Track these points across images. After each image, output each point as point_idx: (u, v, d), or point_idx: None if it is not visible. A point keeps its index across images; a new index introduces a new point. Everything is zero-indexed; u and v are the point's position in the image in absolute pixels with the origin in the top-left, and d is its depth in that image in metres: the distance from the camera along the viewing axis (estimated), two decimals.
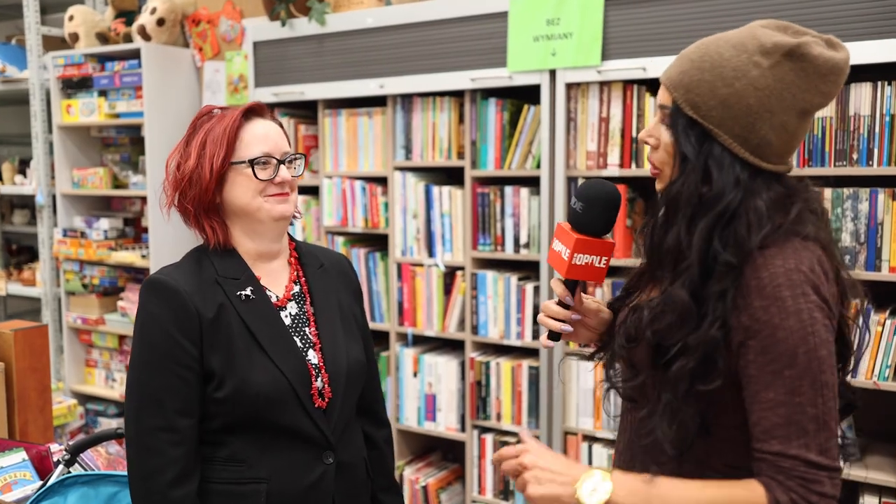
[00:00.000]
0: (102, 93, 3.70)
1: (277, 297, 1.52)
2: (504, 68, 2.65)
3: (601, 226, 1.29)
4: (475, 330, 2.86)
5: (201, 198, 1.45)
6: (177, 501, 1.37)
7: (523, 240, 2.74)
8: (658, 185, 1.26)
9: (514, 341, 2.78)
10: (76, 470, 1.92)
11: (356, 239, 3.18)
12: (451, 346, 3.08)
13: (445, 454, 3.26)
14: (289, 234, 1.61)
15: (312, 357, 1.49)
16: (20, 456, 2.07)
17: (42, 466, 2.07)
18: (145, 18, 3.59)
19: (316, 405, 1.46)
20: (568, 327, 1.34)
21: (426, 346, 3.08)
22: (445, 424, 2.97)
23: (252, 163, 1.44)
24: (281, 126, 1.54)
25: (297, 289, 1.55)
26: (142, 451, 1.40)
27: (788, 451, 1.06)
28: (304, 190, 3.31)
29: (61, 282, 4.00)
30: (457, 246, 2.89)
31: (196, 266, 1.48)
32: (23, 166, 4.34)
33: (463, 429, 2.94)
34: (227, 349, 1.42)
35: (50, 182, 3.99)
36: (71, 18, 3.84)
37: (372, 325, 3.09)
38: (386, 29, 2.88)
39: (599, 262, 1.30)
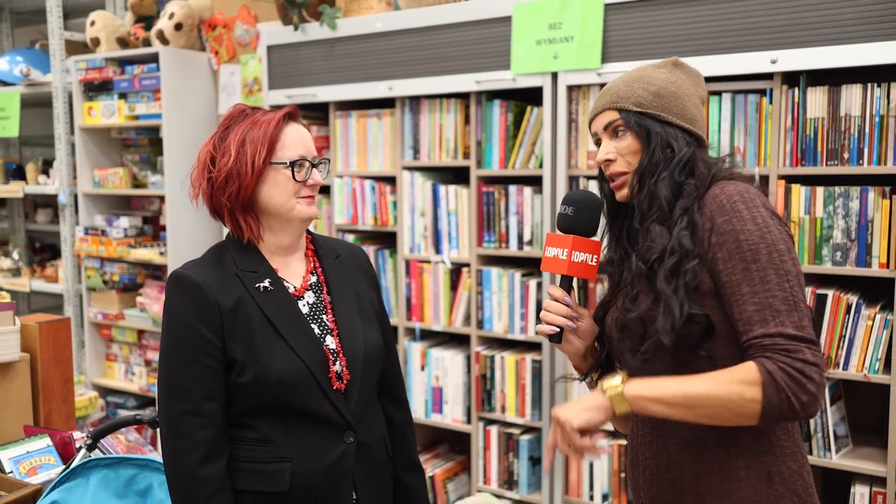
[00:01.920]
0: (122, 95, 3.82)
1: (295, 287, 1.60)
2: (508, 71, 2.74)
3: (590, 226, 1.50)
4: (480, 325, 2.94)
5: (240, 194, 1.52)
6: (204, 479, 1.46)
7: (527, 237, 2.82)
8: (624, 193, 1.46)
9: (517, 336, 2.86)
10: (98, 454, 2.02)
11: (366, 236, 3.28)
12: (457, 340, 3.17)
13: (452, 446, 3.35)
14: (306, 229, 1.69)
15: (330, 342, 1.57)
16: (45, 442, 2.16)
17: (65, 452, 2.16)
18: (163, 23, 3.70)
19: (335, 388, 1.54)
20: (571, 324, 1.51)
21: (433, 340, 3.17)
22: (452, 416, 3.06)
23: (292, 165, 1.53)
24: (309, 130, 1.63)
25: (313, 279, 1.63)
26: (172, 434, 1.49)
27: (768, 330, 1.25)
28: None
29: (82, 278, 4.13)
30: (463, 243, 2.97)
31: (217, 261, 1.57)
32: (46, 167, 4.47)
33: (469, 421, 3.02)
34: (247, 338, 1.50)
35: (72, 182, 4.12)
36: (92, 24, 3.96)
37: None
38: (394, 33, 2.97)
39: (591, 260, 1.49)
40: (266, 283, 1.56)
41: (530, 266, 2.94)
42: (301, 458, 1.51)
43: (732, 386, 1.23)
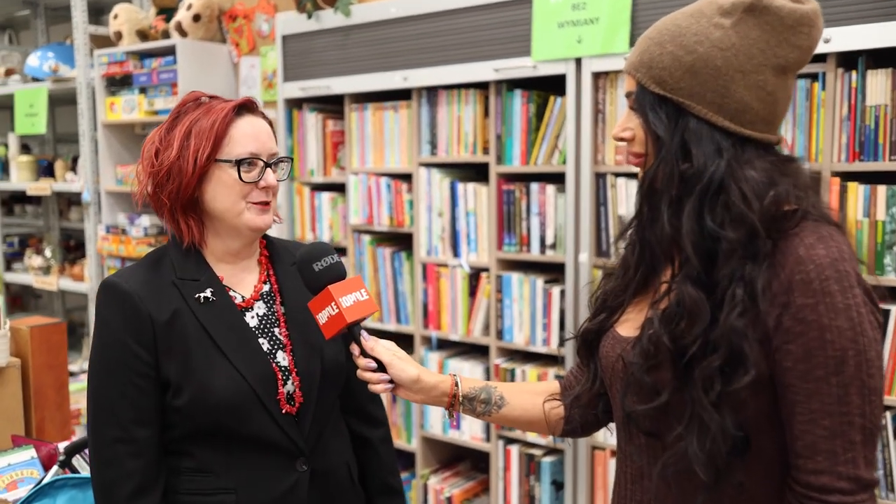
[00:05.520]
0: (143, 90, 3.71)
1: (244, 297, 1.44)
2: (528, 58, 2.49)
3: (324, 275, 1.31)
4: (500, 335, 2.70)
5: (180, 193, 1.36)
6: None
7: (549, 240, 2.56)
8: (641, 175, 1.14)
9: (539, 348, 2.61)
10: (83, 470, 1.90)
11: (382, 238, 3.07)
12: (476, 350, 2.93)
13: (476, 464, 3.12)
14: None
15: (282, 359, 1.41)
16: (29, 454, 2.05)
17: (50, 465, 2.05)
18: (182, 14, 3.57)
19: (284, 411, 1.38)
20: (387, 385, 1.32)
21: (451, 350, 2.94)
22: (470, 434, 2.83)
23: (238, 163, 1.35)
24: (271, 125, 1.45)
25: (266, 288, 1.47)
26: (100, 463, 1.36)
27: (835, 467, 0.97)
28: (331, 187, 3.23)
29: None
30: (482, 246, 2.74)
31: (154, 267, 1.41)
32: (75, 164, 4.41)
33: (488, 439, 2.79)
34: (183, 355, 1.35)
35: (96, 179, 4.04)
36: (115, 17, 3.87)
37: (397, 328, 2.98)
38: (410, 19, 2.76)
39: (363, 295, 1.31)
40: (208, 292, 1.39)
41: (554, 272, 2.68)
42: (246, 489, 1.36)
43: None
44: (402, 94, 2.92)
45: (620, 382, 1.15)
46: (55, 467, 1.91)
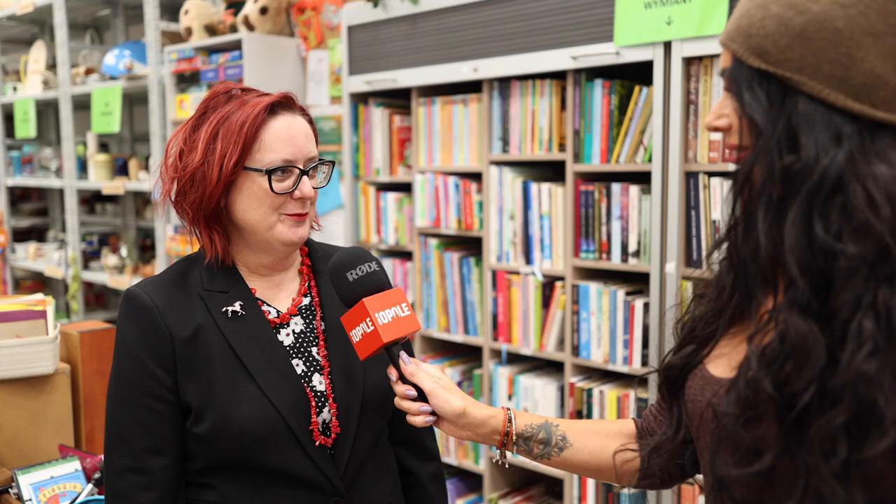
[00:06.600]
0: (210, 86, 3.62)
1: (279, 312, 1.28)
2: (610, 43, 2.23)
3: (363, 284, 1.15)
4: (576, 351, 2.45)
5: (204, 203, 1.21)
6: None
7: (632, 247, 2.30)
8: None
9: (619, 367, 2.34)
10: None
11: (450, 242, 2.86)
12: (550, 367, 2.69)
13: (550, 488, 2.87)
14: None
15: (318, 383, 1.25)
16: (74, 466, 1.98)
17: None
18: (249, 7, 3.46)
19: (318, 443, 1.22)
20: (429, 417, 1.14)
21: (522, 365, 2.71)
22: None
23: (270, 172, 1.19)
24: (311, 122, 1.27)
25: (306, 301, 1.31)
26: (111, 494, 1.24)
27: None
28: (397, 187, 3.04)
29: None
30: (556, 252, 2.49)
31: (180, 277, 1.27)
32: (148, 162, 4.39)
33: None
34: (206, 376, 1.20)
35: None
36: (186, 12, 3.81)
37: (465, 339, 2.77)
38: (480, 4, 2.54)
39: (403, 310, 1.15)
40: (237, 306, 1.23)
41: (637, 282, 2.41)
42: None
43: None
44: (472, 87, 2.71)
45: (711, 436, 0.91)
46: (89, 486, 1.84)
